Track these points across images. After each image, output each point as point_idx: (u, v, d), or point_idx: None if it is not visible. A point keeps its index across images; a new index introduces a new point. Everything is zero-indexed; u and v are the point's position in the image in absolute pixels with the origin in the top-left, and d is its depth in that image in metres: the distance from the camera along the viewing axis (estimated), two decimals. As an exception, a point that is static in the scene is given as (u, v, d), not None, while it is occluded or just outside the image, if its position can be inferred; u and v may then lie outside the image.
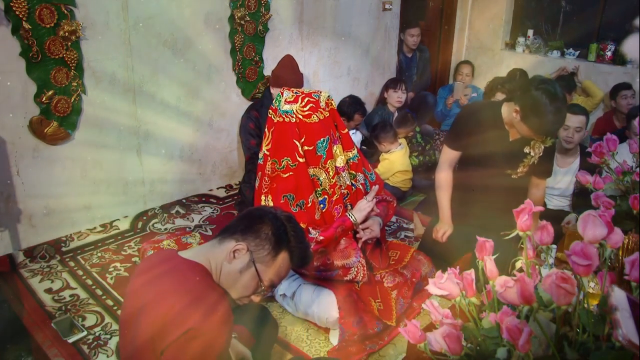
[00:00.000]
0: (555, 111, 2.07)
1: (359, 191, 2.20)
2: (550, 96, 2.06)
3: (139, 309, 1.27)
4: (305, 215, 2.02)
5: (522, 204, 0.99)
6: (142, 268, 1.40)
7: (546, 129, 2.14)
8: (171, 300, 1.23)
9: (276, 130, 2.03)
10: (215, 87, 3.28)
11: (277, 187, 2.04)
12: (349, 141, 2.17)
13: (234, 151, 3.53)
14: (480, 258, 1.01)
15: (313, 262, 2.01)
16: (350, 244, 2.08)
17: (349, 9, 3.97)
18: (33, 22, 2.37)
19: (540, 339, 0.86)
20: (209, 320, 1.20)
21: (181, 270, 1.30)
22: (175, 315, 1.20)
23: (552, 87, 2.10)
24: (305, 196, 2.03)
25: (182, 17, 2.97)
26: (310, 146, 2.01)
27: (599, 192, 1.53)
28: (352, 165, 2.19)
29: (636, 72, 4.21)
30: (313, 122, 1.99)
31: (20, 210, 2.60)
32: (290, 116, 1.99)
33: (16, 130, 2.49)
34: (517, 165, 2.35)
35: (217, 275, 1.33)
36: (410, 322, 0.93)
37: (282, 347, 2.09)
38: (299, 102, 1.99)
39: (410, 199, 3.66)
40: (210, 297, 1.24)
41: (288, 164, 2.01)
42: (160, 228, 3.04)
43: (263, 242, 1.33)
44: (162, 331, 1.19)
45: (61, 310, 2.30)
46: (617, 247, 0.92)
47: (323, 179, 2.07)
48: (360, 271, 2.09)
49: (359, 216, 2.08)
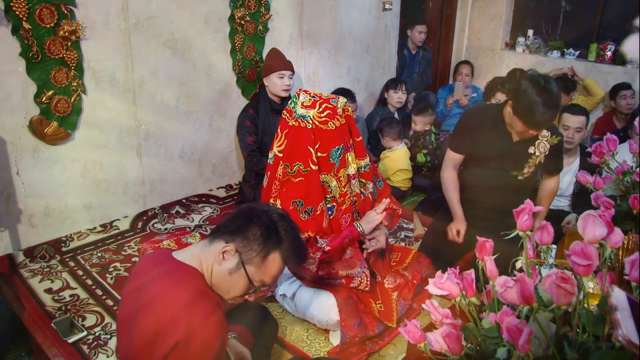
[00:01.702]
0: (543, 102, 2.04)
1: (367, 199, 2.18)
2: (539, 87, 2.05)
3: (134, 312, 1.27)
4: (313, 223, 2.00)
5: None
6: (138, 269, 1.40)
7: (535, 121, 2.11)
8: (163, 306, 1.22)
9: (290, 134, 1.99)
10: (215, 88, 3.28)
11: (287, 192, 2.01)
12: (362, 149, 2.14)
13: (233, 151, 3.53)
14: (480, 258, 1.01)
15: (317, 271, 1.99)
16: (355, 254, 2.07)
17: (349, 9, 3.97)
18: (33, 22, 2.37)
19: (540, 339, 0.86)
20: (201, 326, 1.18)
21: (173, 275, 1.29)
22: (166, 324, 1.19)
23: (543, 79, 2.09)
24: (314, 203, 2.01)
25: (182, 17, 2.97)
26: (324, 153, 1.98)
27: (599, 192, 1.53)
28: (363, 174, 2.16)
29: (636, 72, 4.21)
30: (329, 129, 1.95)
31: (20, 210, 2.60)
32: (306, 122, 1.94)
33: (16, 130, 2.49)
34: (523, 166, 2.32)
35: (208, 277, 1.31)
36: (410, 322, 0.93)
37: (282, 347, 2.09)
38: (316, 108, 1.95)
39: (410, 199, 3.66)
40: (202, 302, 1.23)
41: (300, 169, 1.98)
42: (160, 228, 3.04)
43: (251, 243, 1.30)
44: (154, 340, 1.19)
45: (61, 310, 2.30)
46: (617, 247, 0.92)
47: (334, 186, 2.05)
48: (364, 281, 2.08)
49: (367, 228, 2.05)
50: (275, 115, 3.26)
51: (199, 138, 3.30)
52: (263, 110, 3.24)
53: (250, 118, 3.23)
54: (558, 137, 2.31)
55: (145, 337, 1.21)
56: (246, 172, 3.38)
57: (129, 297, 1.34)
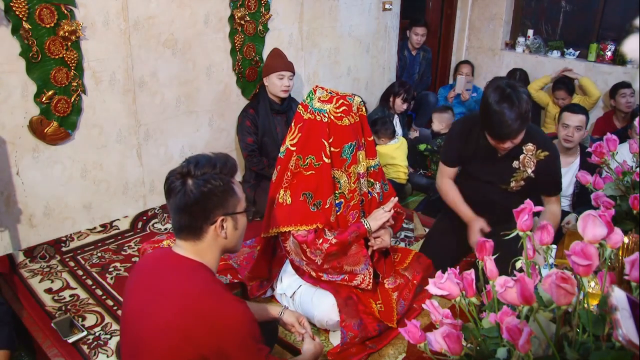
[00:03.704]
0: (499, 111, 1.94)
1: (373, 200, 2.19)
2: (502, 96, 1.94)
3: (140, 310, 1.28)
4: (322, 215, 2.02)
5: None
6: (142, 266, 1.41)
7: (500, 133, 2.01)
8: (171, 303, 1.25)
9: (305, 127, 2.01)
10: (215, 88, 3.28)
11: (298, 183, 2.03)
12: (372, 149, 2.15)
13: (233, 151, 3.53)
14: (480, 258, 1.01)
15: (323, 264, 2.01)
16: (360, 251, 2.07)
17: (349, 9, 3.96)
18: (33, 22, 2.37)
19: (540, 339, 0.86)
20: (227, 313, 1.24)
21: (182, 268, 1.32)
22: (188, 319, 1.23)
23: (509, 87, 1.97)
24: (323, 197, 2.02)
25: (182, 17, 2.97)
26: (337, 148, 2.00)
27: (599, 192, 1.53)
28: (372, 174, 2.17)
29: (636, 72, 4.21)
30: (344, 125, 1.97)
31: (20, 210, 2.60)
32: (322, 115, 1.97)
33: (16, 130, 2.49)
34: (509, 180, 2.26)
35: (214, 264, 1.37)
36: (410, 322, 0.93)
37: (282, 347, 2.09)
38: (333, 103, 1.97)
39: (410, 199, 3.66)
40: (221, 291, 1.29)
41: (312, 162, 2.00)
42: (160, 228, 3.04)
43: (213, 199, 1.31)
44: (176, 332, 1.22)
45: (61, 310, 2.30)
46: (617, 247, 0.92)
47: (343, 182, 2.06)
48: (367, 279, 2.09)
49: (374, 225, 2.05)
50: (275, 115, 3.26)
51: (199, 138, 3.30)
52: (263, 110, 3.24)
53: (250, 118, 3.23)
54: (544, 152, 2.19)
55: (163, 328, 1.23)
56: (246, 172, 3.38)
57: (132, 295, 1.36)
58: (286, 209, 2.03)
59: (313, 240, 1.98)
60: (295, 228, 2.00)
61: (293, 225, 2.00)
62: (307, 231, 1.99)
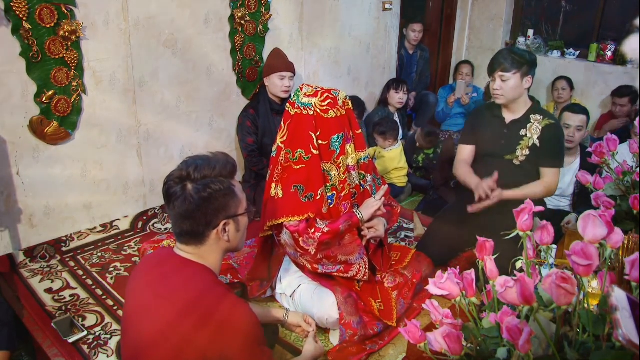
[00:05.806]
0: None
1: (366, 192, 2.21)
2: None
3: (141, 311, 1.28)
4: (314, 206, 2.03)
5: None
6: (143, 267, 1.41)
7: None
8: (173, 305, 1.25)
9: (292, 123, 2.04)
10: (215, 87, 3.28)
11: (289, 177, 2.05)
12: (362, 142, 2.19)
13: (233, 151, 3.53)
14: (480, 258, 1.01)
15: (316, 253, 2.02)
16: (354, 241, 2.10)
17: (349, 9, 3.96)
18: (33, 22, 2.37)
19: (540, 339, 0.86)
20: (230, 314, 1.23)
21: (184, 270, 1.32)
22: (192, 317, 1.22)
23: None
24: (314, 189, 2.04)
25: (182, 17, 2.97)
26: (325, 141, 2.03)
27: (599, 192, 1.53)
28: (362, 166, 2.20)
29: (636, 72, 4.21)
30: (330, 118, 2.02)
31: (20, 210, 2.60)
32: (308, 109, 2.01)
33: (16, 130, 2.49)
34: (515, 148, 2.44)
35: (217, 266, 1.36)
36: (410, 322, 0.93)
37: (282, 347, 2.09)
38: (318, 96, 2.02)
39: (410, 199, 3.66)
40: (222, 292, 1.28)
41: (301, 156, 2.02)
42: (160, 228, 3.04)
43: (224, 204, 1.31)
44: (179, 330, 1.21)
45: (61, 310, 2.30)
46: (617, 247, 0.92)
47: (334, 174, 2.09)
48: (362, 269, 2.10)
49: (366, 214, 2.09)
50: (275, 115, 3.26)
51: (199, 138, 3.30)
52: (263, 110, 3.24)
53: (250, 118, 3.23)
54: (550, 120, 2.42)
55: (165, 330, 1.23)
56: (246, 173, 3.38)
57: (133, 295, 1.36)
58: (278, 202, 2.05)
59: (305, 229, 1.99)
60: (287, 219, 2.02)
61: (285, 217, 2.02)
62: (298, 221, 2.00)
